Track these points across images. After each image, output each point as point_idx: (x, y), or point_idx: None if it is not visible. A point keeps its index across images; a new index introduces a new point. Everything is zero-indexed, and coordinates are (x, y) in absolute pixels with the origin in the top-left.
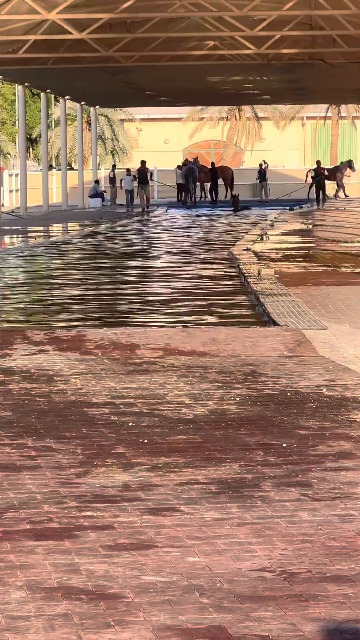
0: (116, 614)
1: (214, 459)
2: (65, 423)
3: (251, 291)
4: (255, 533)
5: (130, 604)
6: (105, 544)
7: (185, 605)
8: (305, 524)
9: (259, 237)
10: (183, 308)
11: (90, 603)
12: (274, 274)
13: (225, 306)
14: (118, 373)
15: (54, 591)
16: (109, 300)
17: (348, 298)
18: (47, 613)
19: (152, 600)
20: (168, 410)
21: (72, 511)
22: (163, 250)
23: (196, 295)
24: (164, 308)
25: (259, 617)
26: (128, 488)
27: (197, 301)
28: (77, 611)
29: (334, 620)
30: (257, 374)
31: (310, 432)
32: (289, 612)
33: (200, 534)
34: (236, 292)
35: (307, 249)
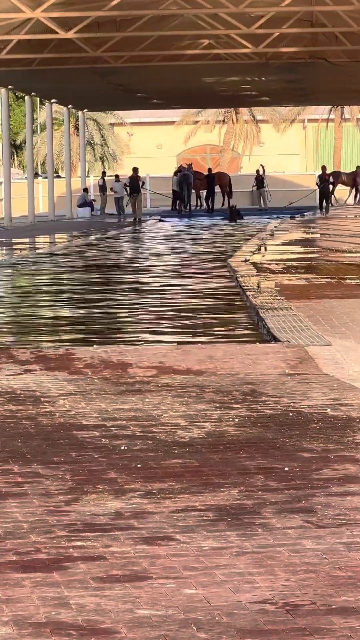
0: None
1: (212, 484)
2: (53, 447)
3: (250, 305)
4: (256, 563)
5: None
6: (97, 575)
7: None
8: (309, 553)
9: (258, 248)
10: (177, 324)
11: (80, 639)
12: (274, 287)
13: (223, 321)
14: (109, 393)
15: (42, 627)
16: (100, 316)
17: (353, 312)
18: None
19: (146, 636)
20: (163, 433)
21: (61, 541)
22: (156, 262)
23: (191, 310)
24: (157, 324)
25: None
26: (120, 516)
27: (192, 316)
28: None
29: None
30: (257, 393)
31: (314, 454)
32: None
33: (198, 564)
34: (234, 307)
35: (310, 260)
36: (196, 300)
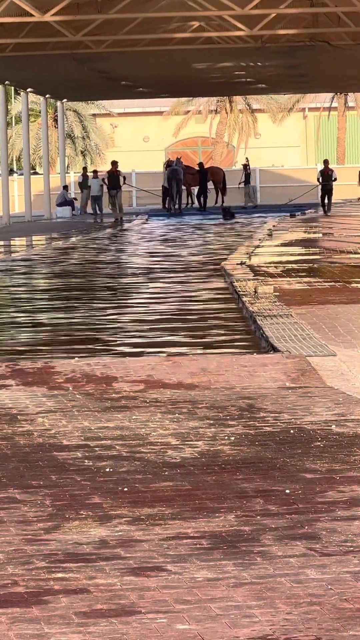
0: None
1: (206, 509)
2: (31, 470)
3: (247, 312)
4: (255, 595)
5: None
6: (80, 610)
7: None
8: (313, 584)
9: (255, 249)
10: (167, 333)
11: None
12: (273, 292)
13: (217, 330)
14: (92, 410)
15: None
16: (81, 326)
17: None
18: None
19: None
20: (151, 453)
21: (40, 573)
22: (142, 266)
23: (182, 319)
24: (144, 334)
25: None
26: (106, 545)
27: (183, 325)
28: None
29: None
30: (255, 408)
31: (318, 475)
32: None
33: (191, 597)
34: (229, 314)
35: (312, 262)
36: (187, 307)
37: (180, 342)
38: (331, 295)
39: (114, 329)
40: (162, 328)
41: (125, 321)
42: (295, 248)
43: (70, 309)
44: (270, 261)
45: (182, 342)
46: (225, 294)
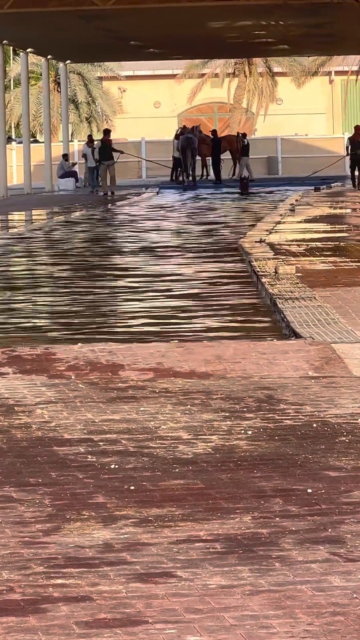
0: None
1: (220, 510)
2: (29, 466)
3: (266, 294)
4: (273, 603)
5: None
6: (81, 619)
7: None
8: (337, 592)
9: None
10: (179, 317)
11: None
12: (295, 273)
13: (233, 314)
14: (97, 401)
15: None
16: (86, 307)
17: None
18: None
19: None
20: (161, 448)
21: (38, 578)
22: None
23: (196, 301)
24: (155, 317)
25: None
26: (110, 548)
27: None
28: None
29: None
30: (275, 400)
31: (343, 473)
32: None
33: (203, 606)
34: (247, 296)
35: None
36: (201, 289)
37: (193, 326)
38: (359, 276)
39: (119, 312)
40: (172, 310)
41: (134, 302)
42: (320, 225)
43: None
44: (293, 239)
45: (195, 326)
46: (243, 274)
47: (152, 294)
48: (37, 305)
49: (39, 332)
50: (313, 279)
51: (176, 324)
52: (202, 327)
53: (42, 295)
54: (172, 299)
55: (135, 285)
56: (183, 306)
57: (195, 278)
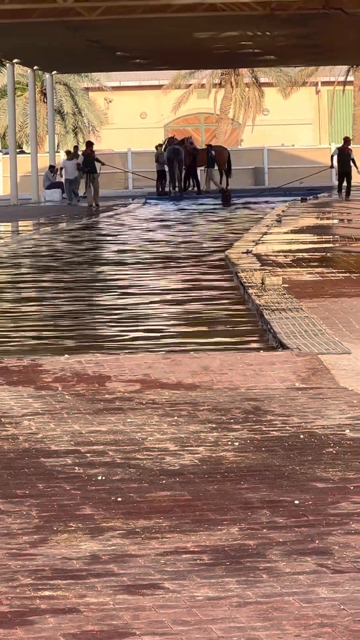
0: None
1: (207, 522)
2: (16, 477)
3: (253, 306)
4: (261, 615)
5: None
6: (68, 631)
7: None
8: (324, 603)
9: (262, 236)
10: (166, 328)
11: None
12: (281, 284)
13: (220, 325)
14: (83, 413)
15: None
16: (72, 320)
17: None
18: None
19: None
20: (148, 460)
21: (25, 590)
22: (140, 254)
23: (182, 312)
24: (141, 328)
25: None
26: (97, 560)
27: (183, 320)
28: None
29: None
30: (261, 411)
31: (330, 485)
32: None
33: (190, 618)
34: (234, 307)
35: (324, 251)
36: (187, 300)
37: (180, 338)
38: (346, 287)
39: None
40: (159, 322)
41: (121, 314)
42: (307, 235)
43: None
44: (279, 250)
45: (182, 338)
46: (230, 285)
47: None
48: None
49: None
50: (300, 290)
51: (162, 335)
52: (188, 338)
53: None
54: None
55: (118, 297)
56: (169, 318)
57: (181, 288)
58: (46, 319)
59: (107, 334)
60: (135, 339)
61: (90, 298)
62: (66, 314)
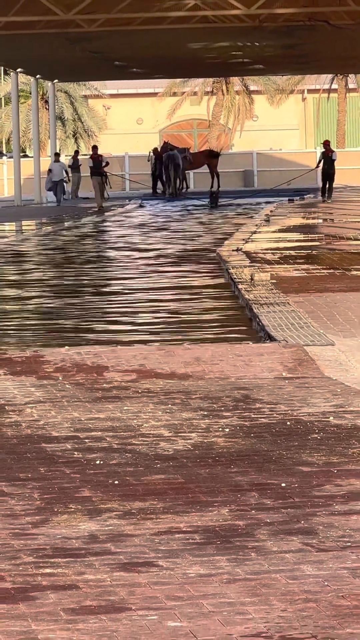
0: None
1: (199, 503)
2: (19, 462)
3: (243, 300)
4: (249, 591)
5: None
6: (68, 606)
7: None
8: (309, 580)
9: (251, 235)
10: (160, 321)
11: None
12: (270, 279)
13: (211, 318)
14: (83, 401)
15: None
16: (72, 314)
17: (359, 307)
18: None
19: None
20: (143, 445)
21: (27, 568)
22: (135, 252)
23: (176, 306)
24: (137, 322)
25: None
26: (95, 539)
27: (176, 313)
28: None
29: None
30: (250, 399)
31: (315, 468)
32: None
33: (183, 594)
34: (224, 302)
35: (310, 249)
36: (181, 294)
37: (173, 330)
38: (330, 282)
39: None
40: (154, 316)
41: (117, 308)
42: (293, 234)
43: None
44: (267, 247)
45: (175, 331)
46: (221, 281)
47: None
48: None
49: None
50: (287, 285)
51: (156, 328)
52: (181, 330)
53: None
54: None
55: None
56: (163, 311)
57: (174, 284)
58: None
59: (104, 327)
60: (131, 331)
61: (86, 293)
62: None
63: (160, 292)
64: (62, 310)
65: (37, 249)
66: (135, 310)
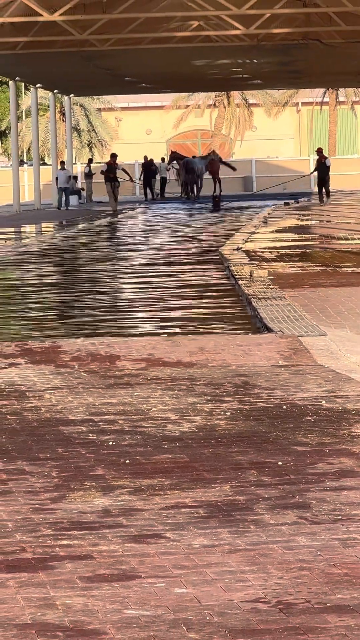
0: None
1: (203, 480)
2: (39, 443)
3: (242, 295)
4: (249, 560)
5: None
6: (84, 575)
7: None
8: (303, 550)
9: (250, 236)
10: (167, 314)
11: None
12: (267, 276)
13: (215, 312)
14: (97, 387)
15: (28, 628)
16: (87, 308)
17: (349, 300)
18: None
19: (135, 636)
20: (152, 427)
21: (46, 540)
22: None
23: (181, 301)
24: (146, 314)
25: None
26: (108, 513)
27: (182, 307)
28: None
29: None
30: (250, 385)
31: (309, 448)
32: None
33: (188, 563)
34: (226, 296)
35: (304, 248)
36: (186, 289)
37: (179, 323)
38: (322, 278)
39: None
40: (161, 309)
41: (127, 302)
42: (289, 234)
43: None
44: (265, 247)
45: (181, 323)
46: (223, 277)
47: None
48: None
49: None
50: (283, 281)
51: (163, 321)
52: (186, 323)
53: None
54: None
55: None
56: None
57: (180, 279)
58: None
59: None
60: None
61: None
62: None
63: (167, 287)
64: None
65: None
66: (145, 303)
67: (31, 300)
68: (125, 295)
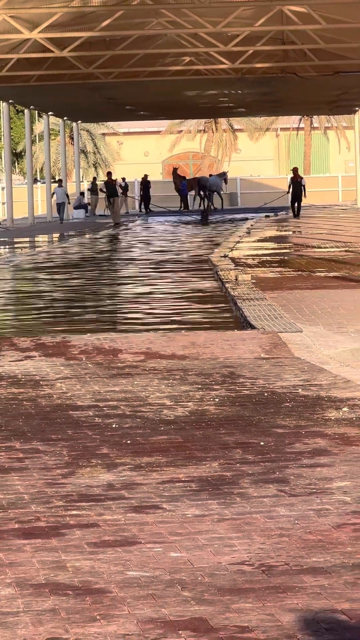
0: (101, 608)
1: (195, 458)
2: (51, 426)
3: (229, 296)
4: (235, 528)
5: (115, 599)
6: (91, 541)
7: (167, 599)
8: (283, 519)
9: (236, 244)
10: (162, 312)
11: (76, 598)
12: (250, 280)
13: (204, 311)
14: (102, 377)
15: (42, 587)
16: (93, 307)
17: (321, 301)
18: (35, 609)
19: (136, 595)
20: (150, 412)
21: (58, 510)
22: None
23: (174, 301)
24: (144, 313)
25: (239, 609)
26: (112, 487)
27: (175, 307)
28: (64, 606)
29: (311, 611)
30: (235, 375)
31: (287, 430)
32: (268, 603)
33: (182, 530)
34: (215, 297)
35: (283, 255)
36: (179, 292)
37: (173, 320)
38: (299, 282)
39: (119, 310)
40: (157, 308)
41: (129, 301)
42: (269, 243)
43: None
44: (249, 254)
45: (175, 320)
46: (211, 281)
47: (139, 294)
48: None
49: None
50: (264, 284)
51: (159, 318)
52: (180, 320)
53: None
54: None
55: (126, 286)
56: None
57: (173, 282)
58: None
59: (117, 318)
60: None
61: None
62: (85, 301)
63: (161, 289)
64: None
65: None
66: (143, 304)
67: (45, 300)
68: (126, 296)
